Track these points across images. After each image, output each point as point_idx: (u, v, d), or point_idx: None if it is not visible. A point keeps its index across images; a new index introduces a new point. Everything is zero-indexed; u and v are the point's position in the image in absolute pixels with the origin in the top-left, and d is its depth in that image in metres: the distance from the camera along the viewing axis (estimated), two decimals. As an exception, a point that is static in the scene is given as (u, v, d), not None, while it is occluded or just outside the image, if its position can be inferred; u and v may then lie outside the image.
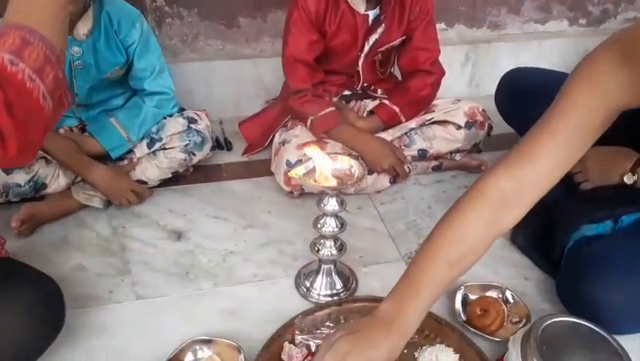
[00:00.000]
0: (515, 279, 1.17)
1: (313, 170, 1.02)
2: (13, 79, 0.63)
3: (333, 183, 1.00)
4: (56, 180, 1.26)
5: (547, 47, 1.94)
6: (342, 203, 1.04)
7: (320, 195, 1.06)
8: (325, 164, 1.01)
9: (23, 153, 0.66)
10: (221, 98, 1.70)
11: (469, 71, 1.90)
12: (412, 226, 1.33)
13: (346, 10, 1.35)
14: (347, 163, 1.03)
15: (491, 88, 1.83)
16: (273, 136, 1.52)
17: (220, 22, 1.61)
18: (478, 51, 1.88)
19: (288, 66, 1.40)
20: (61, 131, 1.30)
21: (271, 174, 1.45)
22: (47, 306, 0.87)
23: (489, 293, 1.09)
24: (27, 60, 0.65)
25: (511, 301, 1.09)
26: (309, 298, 1.10)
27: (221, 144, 1.59)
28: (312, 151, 0.99)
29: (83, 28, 1.25)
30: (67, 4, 0.74)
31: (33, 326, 0.84)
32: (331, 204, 1.03)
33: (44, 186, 1.25)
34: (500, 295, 1.09)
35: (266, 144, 1.55)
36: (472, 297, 1.08)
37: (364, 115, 1.51)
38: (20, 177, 1.20)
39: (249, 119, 1.62)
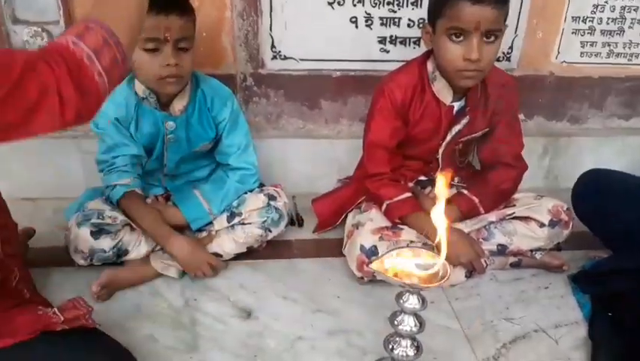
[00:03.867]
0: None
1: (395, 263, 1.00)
2: (73, 57, 0.75)
3: (415, 280, 0.97)
4: (138, 247, 1.30)
5: (630, 144, 1.88)
6: (423, 302, 0.99)
7: (399, 289, 1.03)
8: (409, 259, 0.98)
9: (78, 120, 0.76)
10: (296, 174, 1.73)
11: (547, 164, 1.86)
12: (489, 328, 1.26)
13: (431, 100, 1.37)
14: (431, 260, 0.99)
15: (570, 182, 1.78)
16: (345, 216, 1.52)
17: (303, 104, 1.67)
18: (557, 144, 1.83)
19: (369, 150, 1.42)
20: (149, 200, 1.35)
21: (341, 255, 1.43)
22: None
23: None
24: (87, 42, 0.78)
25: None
26: (380, 399, 1.04)
27: (294, 220, 1.60)
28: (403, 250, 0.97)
29: (179, 104, 1.32)
30: (141, 16, 0.88)
31: None
32: (411, 302, 0.98)
33: (126, 252, 1.29)
34: None
35: (337, 223, 1.55)
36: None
37: (440, 203, 1.48)
38: (106, 243, 1.24)
39: (322, 197, 1.62)
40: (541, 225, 1.37)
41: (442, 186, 0.95)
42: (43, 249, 1.39)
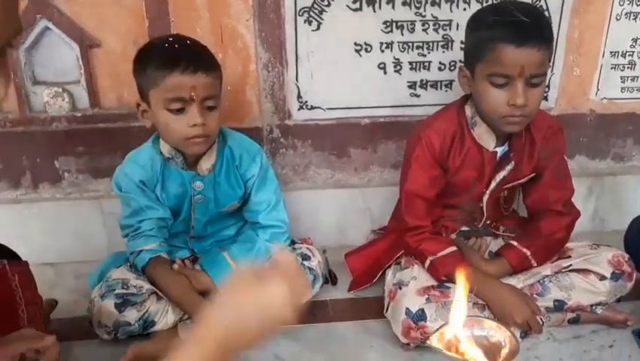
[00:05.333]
0: None
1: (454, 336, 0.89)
2: None
3: (482, 357, 0.86)
4: (165, 317, 1.20)
5: (678, 180, 1.77)
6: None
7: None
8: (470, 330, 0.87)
9: None
10: (326, 226, 1.64)
11: (592, 206, 1.75)
12: (555, 397, 1.13)
13: (472, 146, 1.29)
14: (498, 332, 0.88)
15: (617, 224, 1.68)
16: (383, 272, 1.42)
17: (332, 153, 1.60)
18: (602, 184, 1.73)
19: (407, 201, 1.33)
20: (175, 266, 1.26)
21: (380, 315, 1.32)
22: None
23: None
24: None
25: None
26: None
27: (327, 278, 1.50)
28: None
29: (207, 163, 1.26)
30: None
31: None
32: (474, 377, 0.88)
33: (153, 323, 1.19)
34: None
35: (374, 281, 1.44)
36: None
37: (486, 254, 1.38)
38: (131, 315, 1.15)
39: (356, 251, 1.53)
40: (602, 278, 1.25)
41: (462, 284, 0.84)
42: (64, 320, 1.31)
